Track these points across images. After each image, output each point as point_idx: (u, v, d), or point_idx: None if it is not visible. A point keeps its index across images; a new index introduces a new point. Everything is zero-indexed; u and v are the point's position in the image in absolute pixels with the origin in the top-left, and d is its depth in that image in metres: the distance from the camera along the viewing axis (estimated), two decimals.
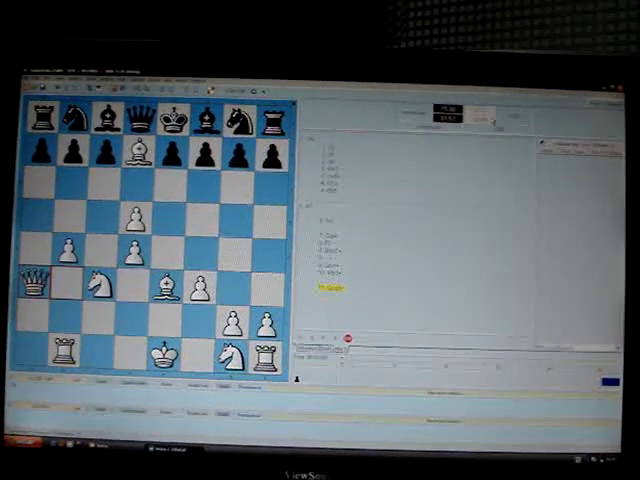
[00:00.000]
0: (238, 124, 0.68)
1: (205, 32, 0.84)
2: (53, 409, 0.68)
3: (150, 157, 0.68)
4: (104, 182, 0.68)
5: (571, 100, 0.69)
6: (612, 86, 0.69)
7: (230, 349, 0.67)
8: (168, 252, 0.68)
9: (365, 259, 0.68)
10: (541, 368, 0.67)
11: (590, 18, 0.82)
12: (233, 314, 0.67)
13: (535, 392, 0.67)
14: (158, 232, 0.68)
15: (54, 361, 0.68)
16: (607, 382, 0.67)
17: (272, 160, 0.68)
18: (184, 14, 0.85)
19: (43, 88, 0.69)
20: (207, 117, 0.68)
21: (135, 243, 0.68)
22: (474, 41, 0.86)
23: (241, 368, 0.67)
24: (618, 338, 0.67)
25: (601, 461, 0.67)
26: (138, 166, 0.68)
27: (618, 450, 0.67)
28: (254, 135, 0.68)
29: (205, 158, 0.68)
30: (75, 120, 0.69)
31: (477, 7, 0.86)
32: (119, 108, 0.69)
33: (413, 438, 0.67)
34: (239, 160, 0.68)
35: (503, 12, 0.86)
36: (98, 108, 0.69)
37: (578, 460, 0.67)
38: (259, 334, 0.67)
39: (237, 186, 0.68)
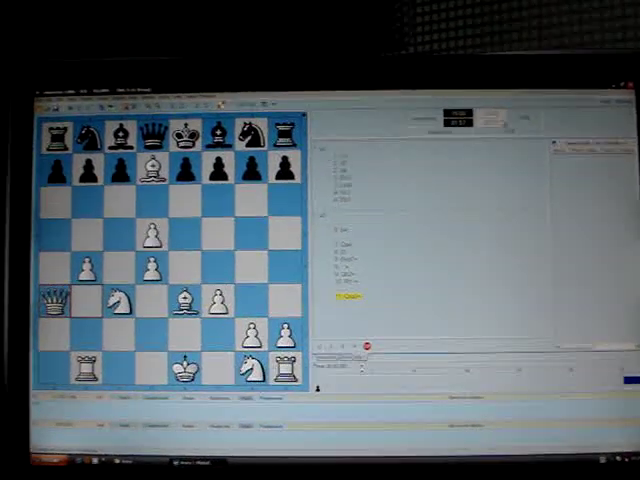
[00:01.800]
0: (249, 137, 0.69)
1: (213, 47, 0.85)
2: (77, 426, 0.68)
3: (164, 173, 0.69)
4: (119, 200, 0.69)
5: (581, 99, 0.68)
6: (622, 83, 0.68)
7: (250, 361, 0.68)
8: (185, 267, 0.68)
9: (381, 266, 0.68)
10: (562, 369, 0.67)
11: (597, 15, 0.82)
12: (252, 326, 0.68)
13: (557, 393, 0.67)
14: (175, 247, 0.68)
15: (77, 379, 0.68)
16: (629, 380, 0.67)
17: (285, 171, 0.68)
18: (191, 31, 0.86)
19: (56, 109, 0.70)
20: (219, 131, 0.69)
21: (152, 259, 0.68)
22: (482, 44, 0.86)
23: (262, 379, 0.68)
24: (639, 336, 0.67)
25: (626, 460, 0.67)
26: (152, 183, 0.69)
27: None
28: (266, 147, 0.69)
29: (218, 172, 0.69)
30: (89, 140, 0.69)
31: (483, 10, 0.86)
32: (132, 126, 0.69)
33: (436, 443, 0.67)
34: (252, 173, 0.69)
35: (510, 13, 0.85)
36: (111, 127, 0.69)
37: (603, 460, 0.67)
38: (278, 345, 0.68)
39: (251, 199, 0.68)
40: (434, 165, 0.68)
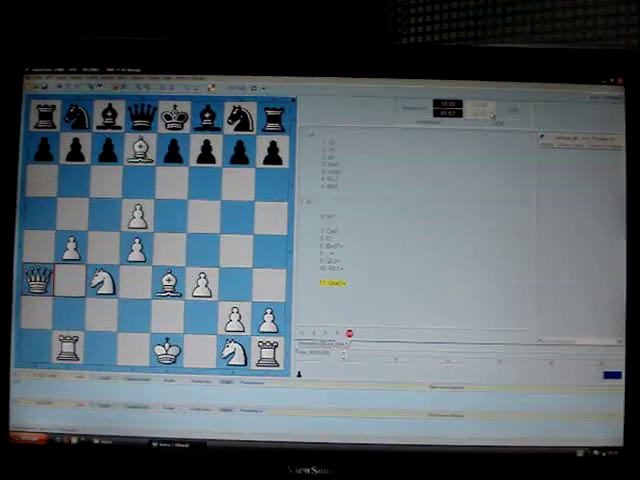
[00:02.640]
0: (238, 121, 0.69)
1: (205, 30, 0.85)
2: (57, 405, 0.68)
3: (151, 155, 0.69)
4: (106, 180, 0.69)
5: (571, 94, 0.69)
6: (612, 79, 0.68)
7: (232, 345, 0.68)
8: (170, 249, 0.68)
9: (366, 254, 0.68)
10: (543, 362, 0.67)
11: (591, 12, 0.82)
12: (235, 310, 0.68)
13: (537, 386, 0.67)
14: (160, 229, 0.68)
15: (58, 358, 0.68)
16: (609, 375, 0.67)
17: (273, 156, 0.68)
18: (184, 12, 0.85)
19: (45, 87, 0.69)
20: (208, 114, 0.69)
21: (137, 240, 0.68)
22: (475, 36, 0.86)
23: (243, 364, 0.68)
24: (620, 331, 0.67)
25: (603, 455, 0.67)
26: (140, 164, 0.69)
27: (620, 444, 0.67)
28: (254, 132, 0.69)
29: (206, 155, 0.69)
30: (77, 119, 0.69)
31: (478, 2, 0.86)
32: (120, 106, 0.69)
33: (415, 432, 0.67)
34: (240, 157, 0.68)
35: (504, 7, 0.85)
36: (99, 106, 0.69)
37: (580, 454, 0.67)
38: (261, 330, 0.68)
39: (238, 183, 0.68)
40: (422, 154, 0.68)
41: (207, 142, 0.69)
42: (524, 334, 0.67)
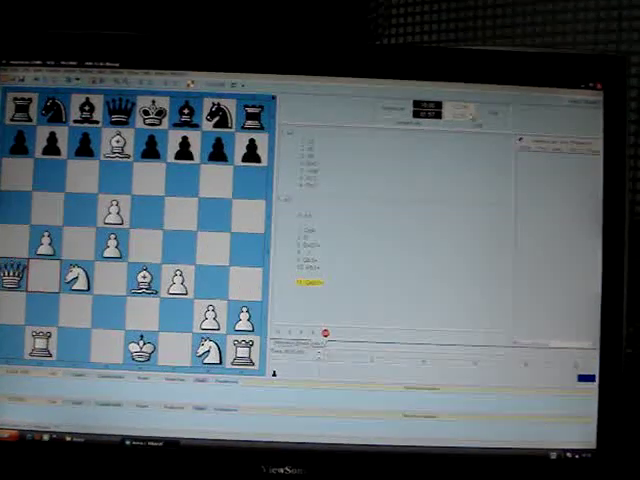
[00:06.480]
0: (217, 118, 0.68)
1: (185, 25, 0.84)
2: (29, 402, 0.68)
3: (129, 150, 0.68)
4: (82, 175, 0.68)
5: (550, 98, 0.69)
6: (591, 84, 0.69)
7: (207, 343, 0.67)
8: (146, 246, 0.68)
9: (343, 254, 0.68)
10: (518, 364, 0.68)
11: (571, 17, 0.83)
12: (211, 308, 0.67)
13: (511, 388, 0.68)
14: (136, 225, 0.68)
15: (31, 354, 0.67)
16: (583, 378, 0.68)
17: (251, 154, 0.68)
18: (165, 7, 0.85)
19: (22, 80, 0.69)
20: (186, 110, 0.68)
21: (113, 236, 0.67)
22: (456, 38, 0.87)
23: (218, 362, 0.67)
24: (594, 335, 0.68)
25: (576, 457, 0.68)
26: (117, 159, 0.68)
27: (593, 446, 0.68)
28: (233, 129, 0.68)
29: (184, 152, 0.68)
30: (54, 112, 0.68)
31: (459, 4, 0.87)
32: (98, 101, 0.68)
33: (389, 433, 0.67)
34: (218, 154, 0.68)
35: (485, 10, 0.86)
36: (77, 100, 0.68)
37: (553, 456, 0.68)
38: (237, 328, 0.67)
39: (216, 180, 0.68)
40: (401, 155, 0.68)
41: (185, 138, 0.68)
42: (499, 336, 0.68)
